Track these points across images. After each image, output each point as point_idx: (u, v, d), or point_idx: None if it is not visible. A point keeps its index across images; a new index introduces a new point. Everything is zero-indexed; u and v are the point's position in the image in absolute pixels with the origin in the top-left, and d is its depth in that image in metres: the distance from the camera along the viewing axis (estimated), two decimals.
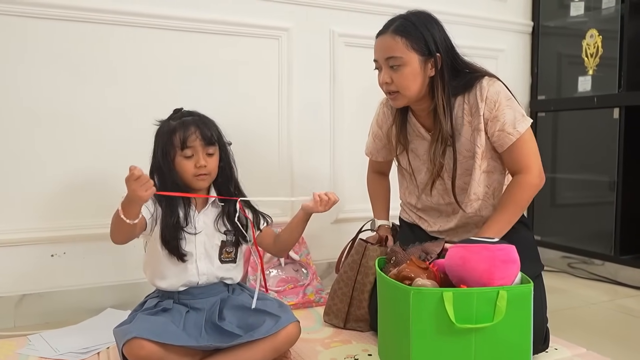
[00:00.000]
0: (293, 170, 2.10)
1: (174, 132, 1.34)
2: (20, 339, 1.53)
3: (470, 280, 1.17)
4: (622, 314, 1.84)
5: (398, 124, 1.58)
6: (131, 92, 1.82)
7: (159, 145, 1.37)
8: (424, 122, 1.55)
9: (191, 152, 1.34)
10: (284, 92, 2.07)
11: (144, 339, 1.16)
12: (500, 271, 1.16)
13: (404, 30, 1.41)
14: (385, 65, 1.44)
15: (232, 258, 1.39)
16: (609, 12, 2.28)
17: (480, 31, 2.46)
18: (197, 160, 1.33)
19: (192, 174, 1.34)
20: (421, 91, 1.45)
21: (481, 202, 1.54)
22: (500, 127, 1.43)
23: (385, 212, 1.76)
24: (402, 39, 1.40)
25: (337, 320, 1.63)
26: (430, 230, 1.63)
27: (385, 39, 1.43)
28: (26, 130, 1.69)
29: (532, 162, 1.45)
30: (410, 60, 1.41)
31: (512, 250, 1.20)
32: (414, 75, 1.42)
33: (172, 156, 1.35)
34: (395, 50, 1.40)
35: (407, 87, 1.43)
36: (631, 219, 2.23)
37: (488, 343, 1.17)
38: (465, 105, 1.47)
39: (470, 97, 1.46)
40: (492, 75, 1.48)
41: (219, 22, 1.93)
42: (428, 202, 1.61)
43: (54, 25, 1.70)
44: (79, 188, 1.77)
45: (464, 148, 1.49)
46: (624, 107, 2.19)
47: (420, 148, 1.58)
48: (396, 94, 1.46)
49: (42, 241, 1.73)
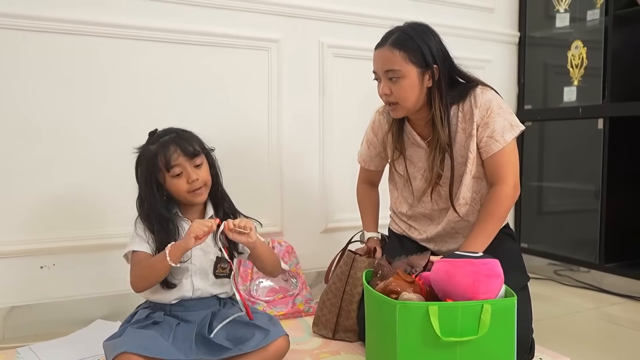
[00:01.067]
0: (283, 180, 2.12)
1: (155, 156, 1.34)
2: (9, 352, 1.53)
3: (455, 294, 1.19)
4: (606, 322, 1.88)
5: (395, 131, 1.61)
6: (121, 105, 1.83)
7: (143, 173, 1.37)
8: (420, 131, 1.58)
9: (179, 170, 1.34)
10: (273, 103, 2.09)
11: (133, 353, 1.17)
12: (484, 285, 1.18)
13: (401, 43, 1.44)
14: (384, 77, 1.47)
15: (226, 273, 1.39)
16: (594, 24, 2.32)
17: (468, 42, 2.49)
18: (188, 176, 1.34)
19: (187, 191, 1.35)
20: (419, 102, 1.49)
21: (469, 207, 1.57)
22: (489, 133, 1.47)
23: (374, 224, 1.78)
24: (399, 52, 1.43)
25: (326, 330, 1.65)
26: (420, 238, 1.66)
27: (383, 52, 1.46)
28: (16, 142, 1.70)
29: (510, 173, 1.49)
30: (408, 72, 1.44)
31: (495, 264, 1.22)
32: (412, 87, 1.45)
33: (162, 179, 1.35)
34: (394, 63, 1.44)
35: (405, 98, 1.46)
36: (615, 227, 2.27)
37: (473, 356, 1.18)
38: (460, 113, 1.51)
39: (465, 105, 1.50)
40: (485, 84, 1.53)
41: (209, 34, 1.94)
42: (421, 209, 1.64)
43: (43, 37, 1.71)
44: (68, 200, 1.77)
45: (458, 154, 1.53)
46: (608, 118, 2.23)
47: (415, 155, 1.60)
48: (395, 105, 1.49)
49: (31, 253, 1.73)
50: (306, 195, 2.17)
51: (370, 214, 1.79)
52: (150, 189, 1.35)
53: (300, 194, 2.15)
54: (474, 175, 1.54)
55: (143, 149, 1.39)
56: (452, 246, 1.61)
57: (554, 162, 2.55)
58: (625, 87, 2.23)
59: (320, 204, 2.20)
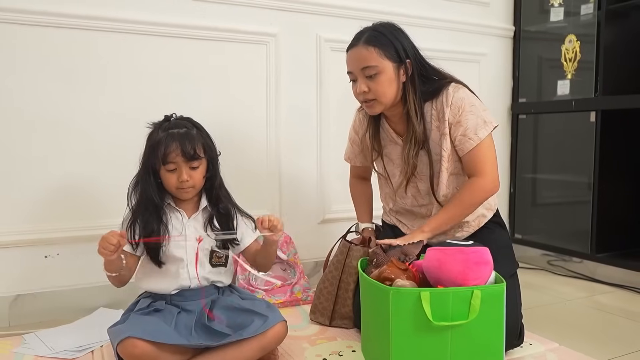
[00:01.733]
0: (281, 172, 2.16)
1: (158, 146, 1.36)
2: (16, 338, 1.58)
3: (446, 281, 1.24)
4: (595, 310, 1.92)
5: (372, 131, 1.64)
6: (121, 98, 1.87)
7: (145, 153, 1.41)
8: (396, 127, 1.62)
9: (174, 167, 1.37)
10: (271, 96, 2.13)
11: (137, 338, 1.21)
12: (474, 272, 1.23)
13: (375, 40, 1.47)
14: (361, 75, 1.49)
15: (222, 262, 1.43)
16: (587, 18, 2.35)
17: (463, 36, 2.53)
18: (180, 175, 1.37)
19: (175, 187, 1.38)
20: (396, 97, 1.52)
21: None
22: (462, 132, 1.50)
23: (368, 215, 1.83)
24: (375, 49, 1.46)
25: (323, 318, 1.70)
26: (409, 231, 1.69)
27: (358, 50, 1.49)
28: (19, 134, 1.74)
29: (488, 168, 1.52)
30: (385, 68, 1.47)
31: (485, 252, 1.27)
32: (389, 82, 1.48)
33: (157, 167, 1.39)
34: (370, 60, 1.47)
35: (383, 94, 1.49)
36: (606, 218, 2.32)
37: (463, 339, 1.24)
38: (434, 110, 1.54)
39: (438, 103, 1.53)
40: (458, 81, 1.55)
41: (208, 28, 1.98)
42: (403, 204, 1.68)
43: (44, 31, 1.74)
44: (71, 191, 1.81)
45: (433, 152, 1.56)
46: (600, 111, 2.27)
47: (393, 152, 1.64)
48: (373, 102, 1.51)
49: (35, 243, 1.77)
50: (303, 187, 2.21)
51: (363, 206, 1.84)
52: (146, 170, 1.39)
53: (297, 185, 2.20)
54: (451, 172, 1.57)
55: (154, 129, 1.42)
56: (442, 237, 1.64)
57: (547, 155, 2.59)
58: (617, 80, 2.27)
59: (317, 196, 2.24)
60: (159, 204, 1.40)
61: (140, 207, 1.40)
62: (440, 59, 1.62)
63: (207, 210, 1.45)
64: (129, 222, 1.39)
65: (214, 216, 1.44)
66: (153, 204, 1.39)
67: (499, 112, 2.68)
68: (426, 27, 2.39)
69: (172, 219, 1.41)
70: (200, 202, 1.45)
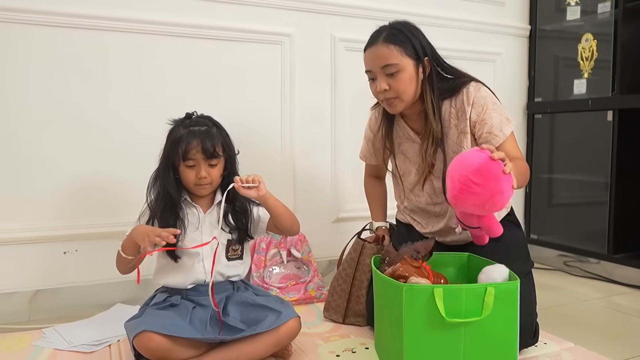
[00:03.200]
0: (295, 171, 2.17)
1: (179, 142, 1.39)
2: (35, 332, 1.61)
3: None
4: (612, 310, 1.90)
5: (384, 129, 1.64)
6: (139, 97, 1.90)
7: (166, 149, 1.44)
8: (413, 125, 1.62)
9: (193, 163, 1.40)
10: (286, 95, 2.14)
11: (153, 331, 1.23)
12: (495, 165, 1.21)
13: (394, 37, 1.47)
14: (381, 74, 1.48)
15: (238, 255, 1.46)
16: (604, 17, 2.33)
17: (478, 35, 2.52)
18: (198, 172, 1.40)
19: (194, 183, 1.41)
20: (416, 95, 1.51)
21: None
22: (488, 129, 1.49)
23: (382, 214, 1.83)
24: (395, 46, 1.46)
25: (337, 315, 1.70)
26: (424, 232, 1.69)
27: (378, 49, 1.48)
28: (39, 133, 1.78)
29: (520, 155, 1.51)
30: (405, 65, 1.47)
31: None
32: (410, 79, 1.48)
33: (177, 163, 1.41)
34: (391, 58, 1.46)
35: (405, 91, 1.48)
36: (624, 218, 2.29)
37: (476, 337, 1.23)
38: (452, 109, 1.54)
39: (457, 101, 1.52)
40: (477, 80, 1.55)
41: (224, 28, 2.00)
42: (417, 203, 1.68)
43: (63, 32, 1.78)
44: (89, 189, 1.85)
45: (450, 150, 1.55)
46: (617, 110, 2.25)
47: (409, 150, 1.64)
48: (394, 100, 1.50)
49: (55, 239, 1.81)
50: (318, 186, 2.23)
51: (377, 205, 1.84)
52: (166, 165, 1.42)
53: (312, 184, 2.21)
54: None
55: (175, 126, 1.45)
56: (459, 242, 1.64)
57: (564, 155, 2.57)
58: (634, 79, 2.24)
59: (331, 195, 2.25)
60: (176, 199, 1.42)
61: (159, 202, 1.42)
62: (456, 59, 1.62)
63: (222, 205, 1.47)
64: (147, 217, 1.42)
65: (229, 212, 1.46)
66: (171, 199, 1.42)
67: (514, 111, 2.67)
68: (441, 27, 2.39)
69: (189, 214, 1.44)
70: (215, 197, 1.47)
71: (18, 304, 1.76)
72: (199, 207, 1.45)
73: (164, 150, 1.45)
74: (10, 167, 1.74)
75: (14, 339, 1.55)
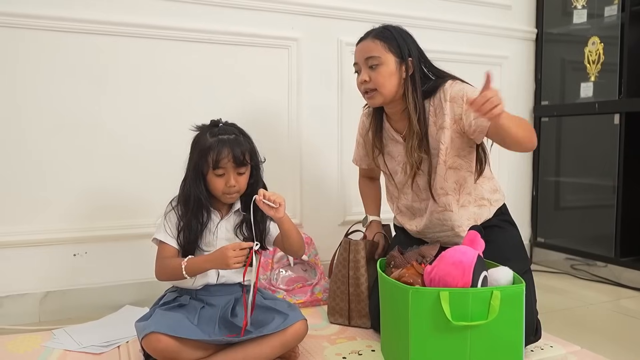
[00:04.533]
0: (302, 174, 2.19)
1: (208, 151, 1.39)
2: (46, 333, 1.63)
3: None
4: (619, 314, 1.90)
5: (374, 129, 1.70)
6: (149, 102, 1.92)
7: (193, 159, 1.43)
8: (396, 126, 1.66)
9: (222, 172, 1.40)
10: (293, 99, 2.16)
11: (161, 333, 1.25)
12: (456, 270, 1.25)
13: (382, 35, 1.56)
14: (365, 66, 1.56)
15: (249, 263, 1.47)
16: (611, 20, 2.33)
17: (485, 39, 2.53)
18: (228, 180, 1.40)
19: (222, 192, 1.42)
20: (397, 92, 1.56)
21: (450, 197, 1.61)
22: (474, 116, 1.46)
23: (376, 208, 1.88)
24: (380, 42, 1.55)
25: (342, 319, 1.72)
26: (412, 231, 1.72)
27: (365, 43, 1.58)
28: (51, 138, 1.80)
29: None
30: (387, 60, 1.54)
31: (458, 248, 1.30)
32: (390, 74, 1.54)
33: (205, 172, 1.41)
34: (374, 51, 1.54)
35: (383, 84, 1.55)
36: (631, 222, 2.29)
37: (483, 340, 1.24)
38: (431, 107, 1.58)
39: (435, 100, 1.58)
40: (456, 78, 1.59)
41: (232, 33, 2.02)
42: (404, 201, 1.72)
43: (74, 38, 1.81)
44: (99, 192, 1.87)
45: (431, 146, 1.59)
46: (624, 113, 2.25)
47: (394, 151, 1.68)
48: (373, 92, 1.57)
49: (65, 242, 1.83)
50: (325, 189, 2.24)
51: (371, 200, 1.90)
52: (196, 174, 1.41)
53: (319, 187, 2.22)
54: (449, 165, 1.59)
55: (201, 134, 1.44)
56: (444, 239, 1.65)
57: (570, 158, 2.56)
58: None
59: (338, 197, 2.26)
60: (206, 206, 1.43)
61: (191, 211, 1.42)
62: (462, 62, 1.65)
63: (239, 212, 1.48)
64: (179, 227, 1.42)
65: (248, 221, 1.44)
66: (201, 208, 1.42)
67: (521, 115, 2.65)
68: (448, 31, 2.40)
69: (210, 220, 1.45)
70: (234, 204, 1.49)
71: (29, 306, 1.78)
72: (217, 212, 1.47)
73: (191, 159, 1.44)
74: (21, 171, 1.77)
75: (25, 340, 1.58)
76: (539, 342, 1.55)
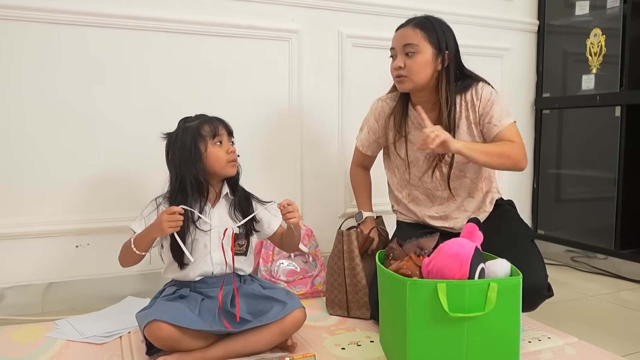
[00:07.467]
0: (303, 166, 2.19)
1: (201, 127, 1.43)
2: (49, 324, 1.65)
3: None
4: (619, 306, 1.91)
5: (398, 114, 1.72)
6: (148, 94, 1.93)
7: (181, 149, 1.42)
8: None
9: (220, 139, 1.45)
10: (294, 92, 2.16)
11: (163, 321, 1.27)
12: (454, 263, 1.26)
13: (423, 25, 1.60)
14: (401, 52, 1.60)
15: (243, 251, 1.48)
16: (613, 12, 2.32)
17: (486, 30, 2.52)
18: (227, 147, 1.45)
19: (226, 160, 1.44)
20: (429, 82, 1.60)
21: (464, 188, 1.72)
22: (488, 120, 1.62)
23: (369, 203, 1.90)
24: (420, 31, 1.59)
25: (341, 310, 1.74)
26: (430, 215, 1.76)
27: (405, 30, 1.61)
28: (53, 130, 1.81)
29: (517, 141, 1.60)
30: (424, 49, 1.58)
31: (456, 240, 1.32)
32: (425, 63, 1.58)
33: (203, 149, 1.43)
34: (413, 39, 1.58)
35: (417, 72, 1.59)
36: (632, 214, 2.29)
37: (479, 331, 1.24)
38: (463, 102, 1.65)
39: (467, 96, 1.64)
40: (485, 81, 1.67)
41: (231, 25, 2.02)
42: (422, 190, 1.75)
43: (76, 30, 1.81)
44: (101, 184, 1.89)
45: (462, 139, 1.63)
46: (626, 106, 2.24)
47: (418, 138, 1.67)
48: (404, 78, 1.61)
49: (67, 233, 1.85)
50: (325, 181, 2.25)
51: (364, 195, 1.91)
52: (188, 159, 1.41)
53: (319, 179, 2.23)
54: None
55: (178, 129, 1.47)
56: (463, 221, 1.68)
57: (571, 150, 2.56)
58: None
59: (338, 190, 2.27)
60: (206, 188, 1.46)
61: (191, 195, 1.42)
62: (464, 54, 1.66)
63: (229, 197, 1.50)
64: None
65: (236, 202, 1.49)
66: (200, 188, 1.44)
67: (522, 107, 2.67)
68: (450, 23, 2.34)
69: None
70: (222, 190, 1.50)
71: (32, 296, 1.81)
72: (208, 201, 1.48)
73: (174, 155, 1.43)
74: (23, 162, 1.78)
75: (28, 330, 1.60)
76: (537, 333, 1.57)
